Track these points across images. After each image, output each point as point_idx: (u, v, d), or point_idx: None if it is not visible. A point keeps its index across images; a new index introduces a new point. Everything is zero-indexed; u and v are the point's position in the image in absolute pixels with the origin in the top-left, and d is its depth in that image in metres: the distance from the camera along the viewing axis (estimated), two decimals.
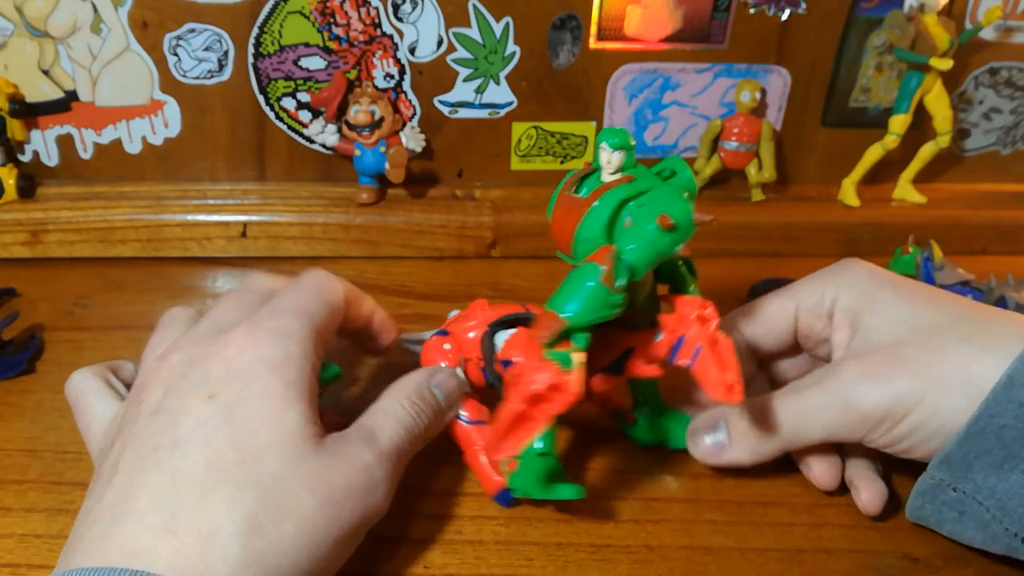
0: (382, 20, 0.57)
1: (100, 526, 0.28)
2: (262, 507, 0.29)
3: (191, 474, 0.29)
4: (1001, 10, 0.59)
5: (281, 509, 0.29)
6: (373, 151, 0.58)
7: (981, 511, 0.34)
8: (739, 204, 0.63)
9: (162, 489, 0.28)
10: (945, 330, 0.36)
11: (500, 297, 0.55)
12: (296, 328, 0.34)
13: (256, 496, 0.29)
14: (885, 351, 0.36)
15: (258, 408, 0.31)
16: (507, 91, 0.60)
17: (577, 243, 0.35)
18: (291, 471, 0.30)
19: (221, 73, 0.57)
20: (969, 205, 0.64)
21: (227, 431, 0.30)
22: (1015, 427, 0.33)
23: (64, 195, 0.58)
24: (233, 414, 0.30)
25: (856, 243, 0.62)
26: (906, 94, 0.60)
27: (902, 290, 0.38)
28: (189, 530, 0.27)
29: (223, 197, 0.59)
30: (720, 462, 0.39)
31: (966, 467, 0.34)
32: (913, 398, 0.34)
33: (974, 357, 0.34)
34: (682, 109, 0.62)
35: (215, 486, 0.28)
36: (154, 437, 0.30)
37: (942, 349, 0.35)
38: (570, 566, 0.36)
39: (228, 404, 0.30)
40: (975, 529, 0.35)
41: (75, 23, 0.55)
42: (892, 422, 0.35)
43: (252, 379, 0.31)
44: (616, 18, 0.58)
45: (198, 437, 0.30)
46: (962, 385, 0.34)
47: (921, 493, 0.36)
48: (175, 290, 0.55)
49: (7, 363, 0.46)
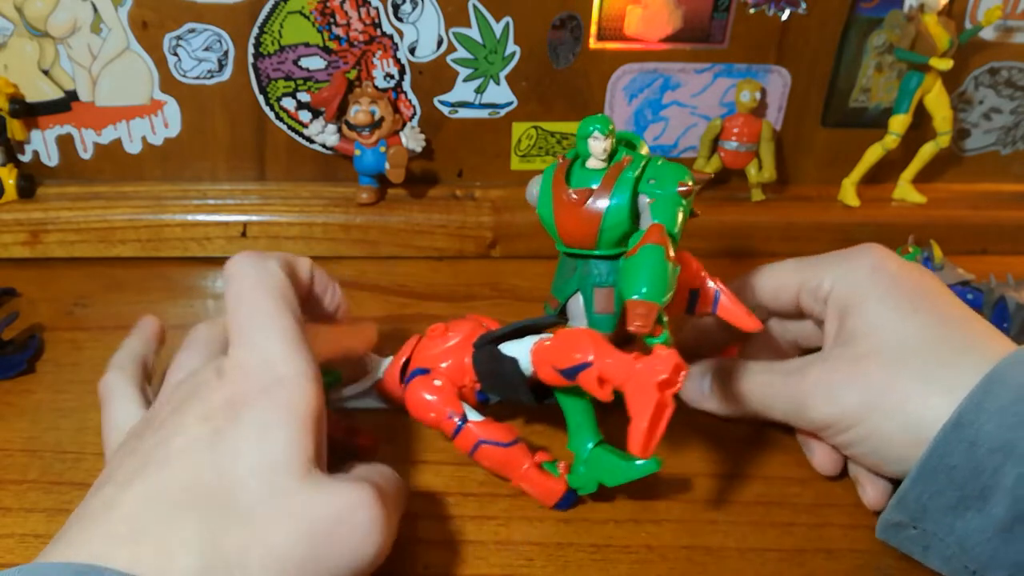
0: (382, 20, 0.57)
1: (75, 529, 0.28)
2: (230, 533, 0.28)
3: (169, 493, 0.28)
4: (1001, 10, 0.59)
5: (251, 538, 0.28)
6: (373, 151, 0.58)
7: (943, 547, 0.34)
8: (739, 204, 0.63)
9: (140, 502, 0.28)
10: (913, 353, 0.36)
11: (501, 297, 0.56)
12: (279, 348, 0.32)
13: (226, 522, 0.28)
14: (850, 364, 0.37)
15: (248, 434, 0.30)
16: (507, 91, 0.60)
17: (604, 232, 0.36)
18: (271, 501, 0.29)
19: (221, 73, 0.57)
20: (969, 205, 0.64)
21: (211, 456, 0.29)
22: (965, 467, 0.33)
23: (64, 195, 0.58)
24: (222, 438, 0.30)
25: (856, 243, 0.61)
26: (906, 94, 0.60)
27: (891, 295, 0.38)
28: (151, 544, 0.27)
29: (223, 197, 0.59)
30: (699, 407, 0.43)
31: (921, 508, 0.34)
32: (855, 417, 0.36)
33: (921, 395, 0.35)
34: (682, 109, 0.62)
35: (188, 507, 0.28)
36: (148, 452, 0.30)
37: (898, 376, 0.35)
38: (570, 566, 0.36)
39: (220, 427, 0.30)
40: (940, 563, 0.35)
41: (75, 23, 0.55)
42: (836, 431, 0.37)
43: (246, 406, 0.31)
44: (616, 18, 0.58)
45: (184, 458, 0.29)
46: (901, 419, 0.35)
47: (885, 528, 0.36)
48: (175, 290, 0.55)
49: (7, 363, 0.46)
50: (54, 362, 0.47)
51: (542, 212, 0.38)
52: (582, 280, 0.39)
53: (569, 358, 0.34)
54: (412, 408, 0.39)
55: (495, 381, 0.37)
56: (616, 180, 0.36)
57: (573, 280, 0.39)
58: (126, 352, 0.39)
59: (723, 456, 0.42)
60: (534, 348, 0.35)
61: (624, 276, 0.34)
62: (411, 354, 0.40)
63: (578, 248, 0.37)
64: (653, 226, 0.34)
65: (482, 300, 0.55)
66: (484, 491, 0.39)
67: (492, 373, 0.37)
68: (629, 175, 0.36)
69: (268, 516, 0.28)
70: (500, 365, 0.36)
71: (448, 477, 0.40)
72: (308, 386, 0.31)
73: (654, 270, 0.33)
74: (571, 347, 0.34)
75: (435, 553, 0.36)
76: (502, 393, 0.38)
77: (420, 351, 0.40)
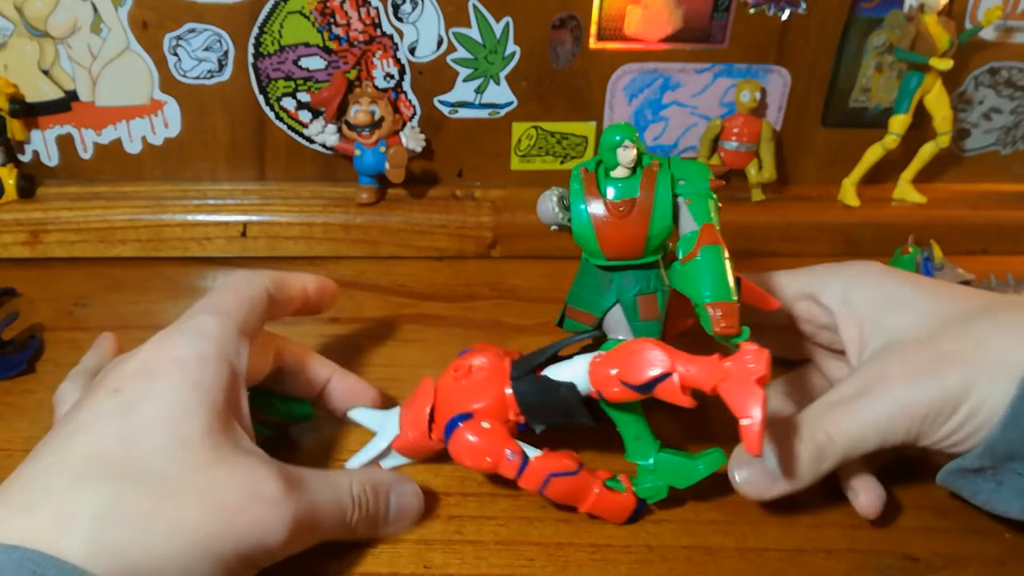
0: (382, 20, 0.57)
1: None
2: (135, 502, 0.27)
3: (72, 461, 0.28)
4: (1001, 10, 0.59)
5: (157, 509, 0.28)
6: (373, 151, 0.58)
7: (1019, 480, 0.34)
8: (739, 204, 0.63)
9: (41, 473, 0.28)
10: (973, 320, 0.36)
11: (501, 297, 0.56)
12: (212, 328, 0.33)
13: (130, 491, 0.28)
14: (926, 349, 0.36)
15: (159, 408, 0.30)
16: (507, 91, 0.60)
17: (651, 239, 0.36)
18: (179, 475, 0.28)
19: (221, 73, 0.57)
20: (969, 205, 0.64)
21: (120, 425, 0.29)
22: None
23: (64, 195, 0.58)
24: (131, 410, 0.30)
25: (856, 243, 0.62)
26: (906, 94, 0.60)
27: (921, 287, 0.38)
28: (48, 512, 0.27)
29: (223, 197, 0.59)
30: (775, 494, 0.36)
31: (1008, 454, 0.34)
32: (963, 391, 0.34)
33: (1012, 342, 0.34)
34: (682, 109, 0.62)
35: (90, 475, 0.28)
36: (60, 425, 0.30)
37: (979, 338, 0.35)
38: (570, 566, 0.36)
39: (129, 400, 0.30)
40: (1013, 497, 0.35)
41: (75, 23, 0.55)
42: (944, 417, 0.34)
43: (159, 377, 0.31)
44: (616, 18, 0.58)
45: (91, 427, 0.29)
46: (1008, 370, 0.34)
47: (955, 471, 0.35)
48: (175, 290, 0.55)
49: (7, 363, 0.46)
50: (54, 362, 0.47)
51: (580, 229, 0.36)
52: (621, 291, 0.37)
53: (643, 372, 0.33)
54: (463, 457, 0.36)
55: (547, 410, 0.36)
56: (656, 185, 0.36)
57: (611, 292, 0.37)
58: (81, 366, 0.39)
59: None
60: (592, 369, 0.35)
61: (690, 281, 0.35)
62: (434, 400, 0.38)
63: (621, 259, 0.36)
64: (705, 226, 0.35)
65: (482, 300, 0.55)
66: (484, 491, 0.39)
67: (544, 402, 0.36)
68: (665, 179, 0.36)
69: (177, 489, 0.28)
70: (554, 392, 0.36)
71: (448, 477, 0.40)
72: (224, 364, 0.32)
73: (720, 270, 0.34)
74: (642, 361, 0.33)
75: (435, 553, 0.36)
76: (553, 421, 0.37)
77: (446, 394, 0.37)
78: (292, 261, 0.58)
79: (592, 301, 0.38)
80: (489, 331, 0.52)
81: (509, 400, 0.36)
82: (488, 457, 0.35)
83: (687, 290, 0.35)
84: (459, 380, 0.37)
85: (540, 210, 0.38)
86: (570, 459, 0.36)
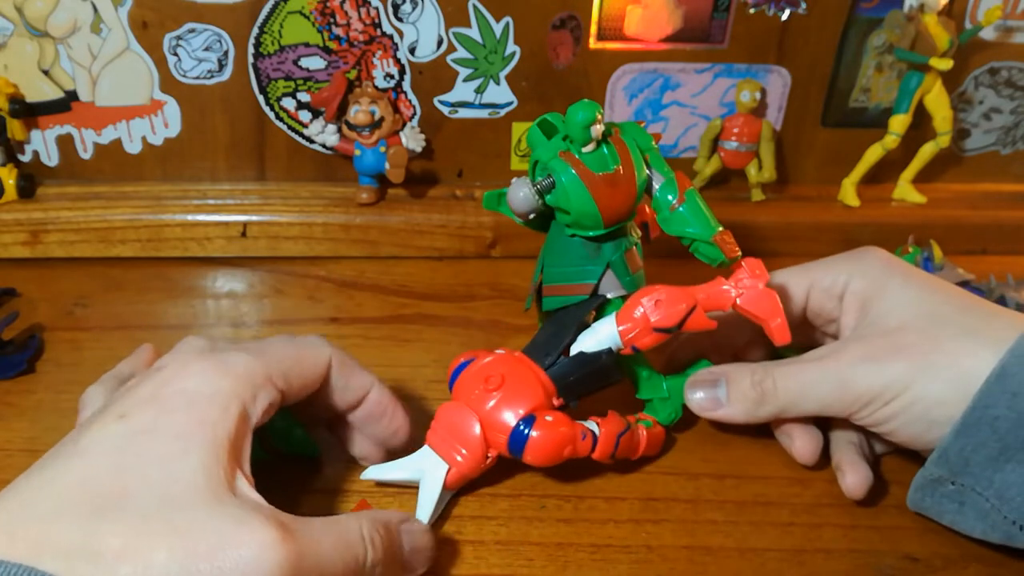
0: (382, 20, 0.57)
1: None
2: (107, 540, 0.26)
3: (60, 486, 0.27)
4: (1001, 10, 0.59)
5: (128, 549, 0.26)
6: (373, 151, 0.58)
7: (980, 501, 0.35)
8: (739, 204, 0.63)
9: (29, 492, 0.27)
10: (947, 320, 0.37)
11: (500, 297, 0.56)
12: (238, 365, 0.31)
13: (106, 528, 0.26)
14: (887, 336, 0.38)
15: (159, 442, 0.28)
16: (507, 91, 0.60)
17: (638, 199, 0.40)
18: (161, 515, 0.27)
19: (221, 73, 0.57)
20: (969, 205, 0.64)
21: (117, 458, 0.28)
22: (1008, 417, 0.33)
23: (64, 195, 0.58)
24: (131, 442, 0.29)
25: (856, 243, 0.61)
26: (906, 94, 0.60)
27: (912, 279, 0.39)
28: (24, 538, 0.26)
29: (223, 197, 0.59)
30: (715, 416, 0.41)
31: (963, 462, 0.35)
32: (902, 383, 0.36)
33: (969, 349, 0.35)
34: (682, 109, 0.62)
35: (74, 504, 0.27)
36: (62, 446, 0.29)
37: (939, 338, 0.36)
38: (570, 566, 0.36)
39: (133, 430, 0.29)
40: (975, 519, 0.36)
41: (75, 23, 0.55)
42: (881, 403, 0.37)
43: (168, 410, 0.29)
44: (616, 18, 0.58)
45: (89, 454, 0.28)
46: (951, 375, 0.35)
47: (921, 487, 0.37)
48: (175, 290, 0.55)
49: (7, 363, 0.46)
50: (54, 362, 0.47)
51: (580, 205, 0.38)
52: (613, 253, 0.40)
53: (673, 314, 0.37)
54: (544, 459, 0.36)
55: (588, 381, 0.38)
56: (630, 150, 0.39)
57: (601, 258, 0.40)
58: (114, 371, 0.38)
59: (723, 456, 0.42)
60: (623, 328, 0.38)
61: (688, 222, 0.40)
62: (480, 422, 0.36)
63: (617, 222, 0.39)
64: (678, 174, 0.40)
65: (482, 300, 0.55)
66: (484, 491, 0.39)
67: (585, 376, 0.38)
68: (631, 142, 0.40)
69: (154, 529, 0.27)
70: (595, 363, 0.38)
71: None
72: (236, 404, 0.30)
73: (705, 207, 0.40)
74: (668, 305, 0.37)
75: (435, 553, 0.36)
76: (592, 388, 0.39)
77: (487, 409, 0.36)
78: (292, 261, 0.58)
79: (582, 272, 0.40)
80: (489, 331, 0.52)
81: (549, 388, 0.37)
82: (566, 447, 0.36)
83: (685, 233, 0.40)
84: (492, 391, 0.37)
85: (517, 197, 0.39)
86: (616, 417, 0.39)
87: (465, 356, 0.39)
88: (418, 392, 0.45)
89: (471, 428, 0.36)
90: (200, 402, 0.30)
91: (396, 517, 0.33)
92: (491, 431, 0.36)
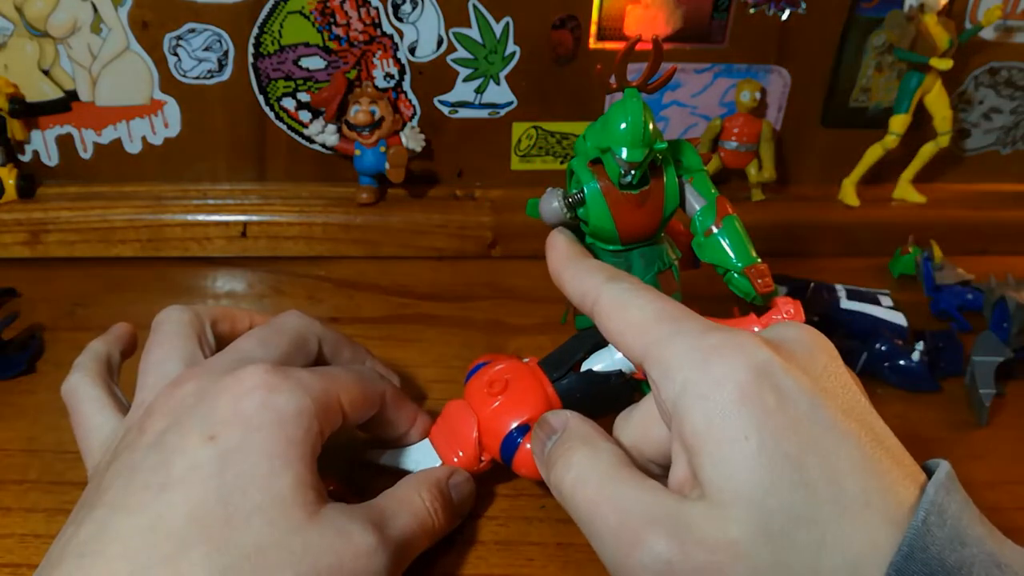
0: (382, 20, 0.57)
1: (70, 563, 0.27)
2: (237, 572, 0.27)
3: (172, 524, 0.27)
4: (1001, 10, 0.59)
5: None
6: (373, 151, 0.58)
7: None
8: (739, 204, 0.62)
9: (139, 535, 0.27)
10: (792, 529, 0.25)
11: (500, 297, 0.56)
12: (318, 386, 0.31)
13: (232, 561, 0.27)
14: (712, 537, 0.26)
15: (255, 462, 0.28)
16: (507, 91, 0.60)
17: (664, 220, 0.38)
18: (276, 540, 0.27)
19: (221, 73, 0.57)
20: (969, 205, 0.64)
21: (218, 483, 0.28)
22: None
23: (64, 195, 0.58)
24: (228, 464, 0.28)
25: (856, 243, 0.62)
26: (906, 94, 0.60)
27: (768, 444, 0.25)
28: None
29: (223, 197, 0.59)
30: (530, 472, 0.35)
31: None
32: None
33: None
34: (682, 109, 0.62)
35: (194, 542, 0.27)
36: (146, 474, 0.28)
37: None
38: (570, 566, 0.36)
39: (226, 451, 0.28)
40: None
41: (75, 23, 0.55)
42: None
43: (256, 427, 0.29)
44: (616, 18, 0.58)
45: (188, 484, 0.28)
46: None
47: None
48: (175, 290, 0.55)
49: (7, 363, 0.46)
50: (54, 362, 0.47)
51: (598, 220, 0.37)
52: (644, 274, 0.38)
53: None
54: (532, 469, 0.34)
55: (595, 400, 0.37)
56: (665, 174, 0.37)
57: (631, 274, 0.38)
58: (88, 353, 0.37)
59: None
60: None
61: (720, 251, 0.37)
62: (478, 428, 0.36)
63: (635, 242, 0.38)
64: (718, 199, 0.37)
65: (482, 300, 0.55)
66: (484, 491, 0.39)
67: (593, 395, 0.37)
68: (671, 164, 0.38)
69: (274, 555, 0.27)
70: (603, 383, 0.37)
71: None
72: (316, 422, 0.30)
73: (744, 237, 0.37)
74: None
75: (435, 553, 0.36)
76: (599, 408, 0.36)
77: (487, 413, 0.36)
78: (292, 261, 0.58)
79: None
80: (489, 331, 0.52)
81: (554, 401, 0.36)
82: None
83: (717, 260, 0.37)
84: (496, 396, 0.36)
85: (547, 209, 0.38)
86: None
87: (484, 358, 0.39)
88: (418, 392, 0.45)
89: (469, 430, 0.37)
90: (288, 420, 0.30)
91: (442, 474, 0.35)
92: (487, 435, 0.36)
